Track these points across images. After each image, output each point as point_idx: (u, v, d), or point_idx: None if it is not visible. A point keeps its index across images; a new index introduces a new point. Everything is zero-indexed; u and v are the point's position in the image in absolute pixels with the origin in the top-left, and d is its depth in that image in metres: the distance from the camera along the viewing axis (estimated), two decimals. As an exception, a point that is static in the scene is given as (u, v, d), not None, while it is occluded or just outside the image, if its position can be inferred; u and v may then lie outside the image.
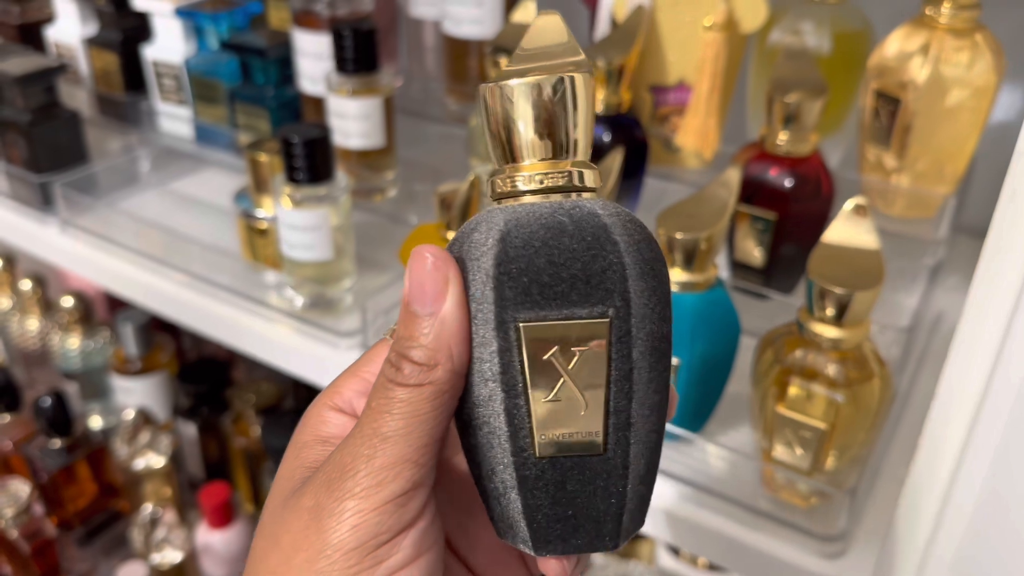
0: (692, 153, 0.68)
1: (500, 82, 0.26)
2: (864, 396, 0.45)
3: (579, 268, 0.25)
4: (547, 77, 0.25)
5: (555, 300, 0.25)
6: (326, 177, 0.60)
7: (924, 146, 0.59)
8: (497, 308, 0.25)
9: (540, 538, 0.26)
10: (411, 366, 0.25)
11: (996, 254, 0.35)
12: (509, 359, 0.25)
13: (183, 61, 0.80)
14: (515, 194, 0.26)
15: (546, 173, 0.26)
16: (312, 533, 0.26)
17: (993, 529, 0.38)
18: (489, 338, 0.25)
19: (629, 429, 0.26)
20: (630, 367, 0.25)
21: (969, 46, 0.57)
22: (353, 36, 0.66)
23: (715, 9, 0.62)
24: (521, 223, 0.25)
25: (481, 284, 0.25)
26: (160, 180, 0.83)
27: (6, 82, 0.75)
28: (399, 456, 0.25)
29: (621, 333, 0.25)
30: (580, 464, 0.26)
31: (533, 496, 0.26)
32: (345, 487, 0.25)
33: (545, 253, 0.25)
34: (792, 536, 0.48)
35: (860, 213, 0.46)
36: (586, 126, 0.26)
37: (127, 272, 0.71)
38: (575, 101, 0.26)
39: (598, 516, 0.26)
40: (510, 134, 0.26)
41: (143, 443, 0.94)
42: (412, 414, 0.25)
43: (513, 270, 0.25)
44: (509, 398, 0.25)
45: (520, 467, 0.26)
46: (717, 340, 0.49)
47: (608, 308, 0.25)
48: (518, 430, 0.25)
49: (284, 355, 0.64)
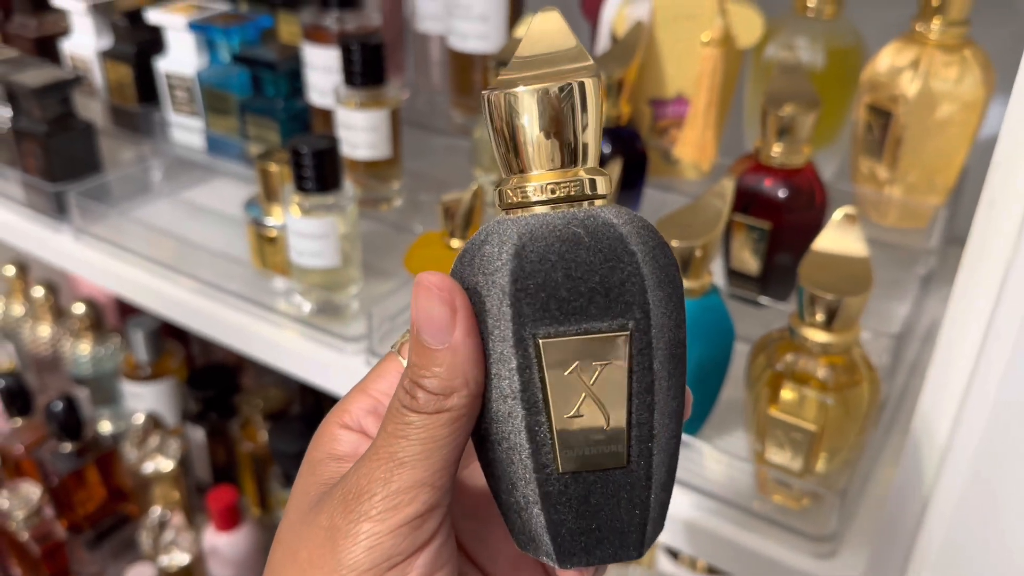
0: (690, 165, 0.70)
1: (506, 89, 0.25)
2: (853, 399, 0.47)
3: (597, 281, 0.24)
4: (555, 83, 0.24)
5: (574, 315, 0.24)
6: (334, 187, 0.62)
7: (915, 158, 0.61)
8: (515, 325, 0.24)
9: (564, 552, 0.26)
10: (426, 395, 0.25)
11: (975, 262, 0.36)
12: (529, 376, 0.25)
13: (195, 74, 0.82)
14: (525, 204, 0.25)
15: (557, 183, 0.25)
16: (327, 552, 0.26)
17: (974, 529, 0.39)
18: (508, 355, 0.25)
19: (652, 440, 0.25)
20: (651, 379, 0.25)
21: (958, 61, 0.58)
22: (361, 50, 0.68)
23: (712, 25, 0.64)
24: (536, 236, 0.24)
25: (497, 300, 0.24)
26: (172, 189, 0.85)
27: (23, 93, 0.77)
28: (416, 480, 0.25)
29: (642, 345, 0.25)
30: (603, 478, 0.25)
31: (556, 511, 0.26)
32: (361, 509, 0.25)
33: (562, 267, 0.24)
34: (784, 537, 0.49)
35: (850, 222, 0.48)
36: (595, 132, 0.25)
37: (139, 279, 0.73)
38: (584, 106, 0.25)
39: (622, 528, 0.26)
40: (517, 142, 0.25)
41: (152, 447, 0.96)
42: (429, 439, 0.25)
43: (530, 286, 0.24)
44: (530, 415, 0.25)
45: (543, 483, 0.25)
46: (712, 345, 0.51)
47: (628, 321, 0.24)
48: (540, 446, 0.25)
49: (292, 360, 0.66)
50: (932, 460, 0.40)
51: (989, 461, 0.38)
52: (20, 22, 0.95)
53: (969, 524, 0.39)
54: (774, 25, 0.67)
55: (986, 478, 0.38)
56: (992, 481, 0.38)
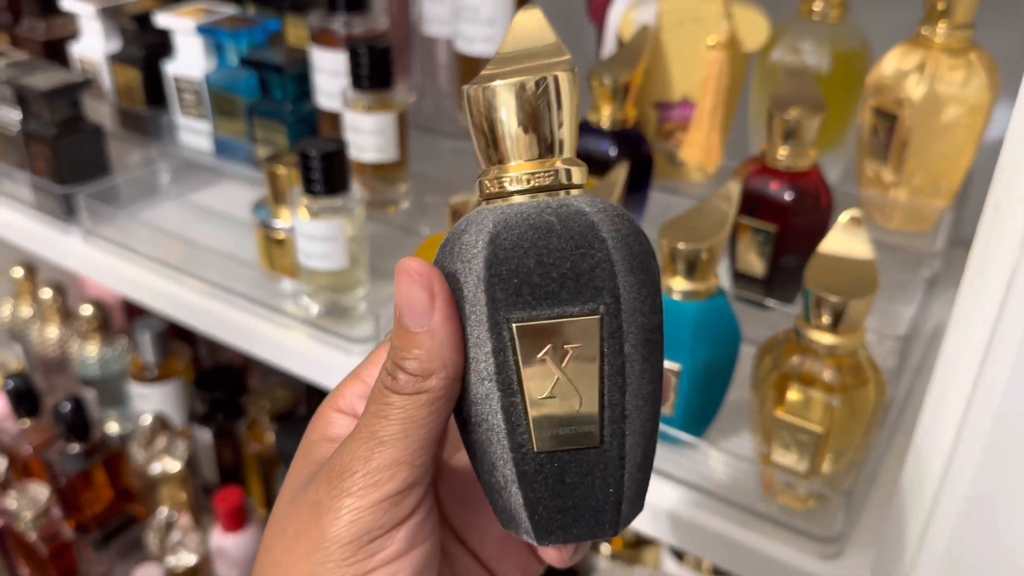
0: (696, 167, 0.70)
1: (484, 83, 0.26)
2: (859, 401, 0.47)
3: (568, 267, 0.25)
4: (530, 77, 0.25)
5: (546, 299, 0.25)
6: (342, 189, 0.62)
7: (920, 161, 0.61)
8: (490, 310, 0.25)
9: (542, 529, 0.27)
10: (406, 376, 0.26)
11: (981, 265, 0.36)
12: (504, 358, 0.26)
13: (203, 77, 0.82)
14: (503, 195, 0.26)
15: (533, 173, 0.26)
16: (312, 526, 0.27)
17: (980, 531, 0.39)
18: (484, 339, 0.26)
19: (624, 421, 0.26)
20: (622, 361, 0.26)
21: (964, 65, 0.58)
22: (369, 53, 0.69)
23: (718, 29, 0.65)
24: (510, 224, 0.25)
25: (473, 287, 0.25)
26: (180, 192, 0.85)
27: (33, 96, 0.77)
28: (395, 458, 0.27)
29: (612, 329, 0.25)
30: (578, 457, 0.26)
31: (533, 489, 0.27)
32: (343, 486, 0.27)
33: (534, 254, 0.25)
34: (790, 538, 0.50)
35: (855, 224, 0.48)
36: (571, 124, 0.26)
37: (148, 281, 0.74)
38: (559, 99, 0.26)
39: (597, 506, 0.27)
40: (495, 135, 0.26)
41: (159, 448, 0.96)
42: (408, 419, 0.26)
43: (503, 272, 0.25)
44: (505, 396, 0.26)
45: (519, 462, 0.26)
46: (718, 347, 0.51)
47: (599, 305, 0.25)
48: (515, 427, 0.26)
49: (299, 361, 0.67)
50: (937, 461, 0.40)
51: (995, 462, 0.38)
52: (29, 25, 0.96)
53: (975, 525, 0.39)
54: (780, 28, 0.67)
55: (992, 479, 0.38)
56: (998, 483, 0.38)
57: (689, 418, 0.53)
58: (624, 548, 0.86)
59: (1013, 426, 0.36)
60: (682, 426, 0.53)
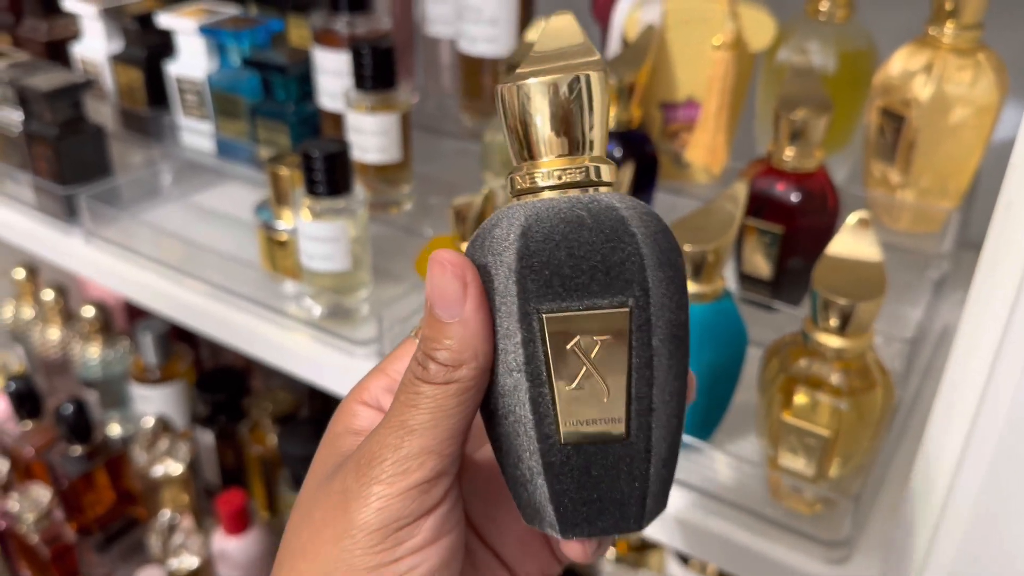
0: (701, 168, 0.70)
1: (518, 82, 0.26)
2: (867, 404, 0.47)
3: (599, 260, 0.25)
4: (563, 76, 0.26)
5: (576, 291, 0.25)
6: (345, 190, 0.62)
7: (928, 162, 0.61)
8: (520, 301, 0.26)
9: (567, 522, 0.27)
10: (436, 366, 0.27)
11: (992, 264, 0.36)
12: (533, 349, 0.26)
13: (206, 77, 0.82)
14: (534, 190, 0.27)
15: (564, 169, 0.27)
16: (340, 513, 0.27)
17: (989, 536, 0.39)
18: (513, 330, 0.26)
19: (651, 415, 0.26)
20: (650, 355, 0.26)
21: (972, 65, 0.58)
22: (371, 54, 0.68)
23: (724, 29, 0.64)
24: (541, 218, 0.26)
25: (504, 278, 0.26)
26: (182, 193, 0.85)
27: (34, 97, 0.77)
28: (424, 447, 0.27)
29: (641, 322, 0.25)
30: (604, 450, 0.26)
31: (559, 482, 0.27)
32: (372, 474, 0.27)
33: (565, 246, 0.25)
34: (797, 542, 0.49)
35: (863, 226, 0.48)
36: (602, 122, 0.27)
37: (149, 282, 0.73)
38: (591, 98, 0.26)
39: (623, 499, 0.27)
40: (528, 132, 0.27)
41: (161, 451, 0.96)
42: (438, 408, 0.27)
43: (535, 263, 0.25)
44: (534, 387, 0.26)
45: (546, 454, 0.26)
46: (724, 349, 0.50)
47: (628, 298, 0.25)
48: (543, 418, 0.26)
49: (301, 363, 0.66)
50: (947, 466, 0.40)
51: (1004, 466, 0.37)
52: (31, 26, 0.95)
53: (984, 529, 0.39)
54: (786, 28, 0.66)
55: (1002, 484, 0.37)
56: (1008, 487, 0.37)
57: (695, 421, 0.52)
58: (629, 551, 0.85)
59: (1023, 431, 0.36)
60: (688, 429, 0.52)
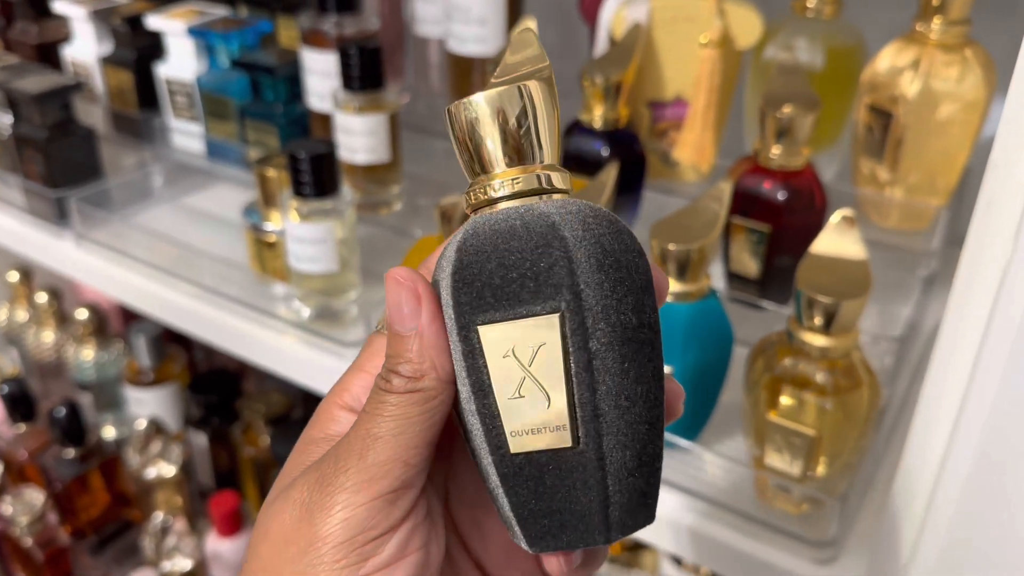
0: (689, 167, 0.70)
1: (463, 99, 0.27)
2: (853, 404, 0.46)
3: (527, 268, 0.25)
4: (504, 89, 0.26)
5: (507, 300, 0.25)
6: (332, 191, 0.62)
7: (916, 159, 0.60)
8: (456, 314, 0.26)
9: (532, 535, 0.27)
10: (399, 379, 0.27)
11: (972, 264, 0.36)
12: (473, 361, 0.26)
13: (195, 79, 0.82)
14: (487, 203, 0.27)
15: (514, 179, 0.27)
16: (304, 526, 0.26)
17: (975, 535, 0.39)
18: (456, 343, 0.26)
19: (598, 420, 0.26)
20: (588, 358, 0.25)
21: (959, 61, 0.58)
22: (359, 54, 0.68)
23: (711, 26, 0.64)
24: (478, 232, 0.26)
25: (445, 294, 0.26)
26: (172, 195, 0.85)
27: (24, 100, 0.77)
28: (389, 455, 0.26)
29: (575, 326, 0.25)
30: (555, 458, 0.26)
31: (516, 493, 0.27)
32: (337, 482, 0.26)
33: (496, 257, 0.26)
34: (784, 542, 0.49)
35: (848, 224, 0.47)
36: (549, 130, 0.27)
37: (140, 285, 0.73)
38: (534, 108, 0.26)
39: (582, 510, 0.26)
40: (477, 147, 0.27)
41: (155, 453, 0.96)
42: (402, 416, 0.27)
43: (467, 276, 0.26)
44: (478, 398, 0.26)
45: (499, 464, 0.27)
46: (709, 349, 0.50)
47: (559, 302, 0.25)
48: (491, 429, 0.26)
49: (290, 365, 0.66)
50: (931, 465, 0.39)
51: (989, 465, 0.37)
52: (22, 28, 0.95)
53: (970, 529, 0.39)
54: (773, 26, 0.66)
55: (986, 483, 0.37)
56: (992, 486, 0.37)
57: (681, 421, 0.52)
58: (622, 552, 0.85)
59: (1007, 429, 0.36)
60: (674, 429, 0.52)
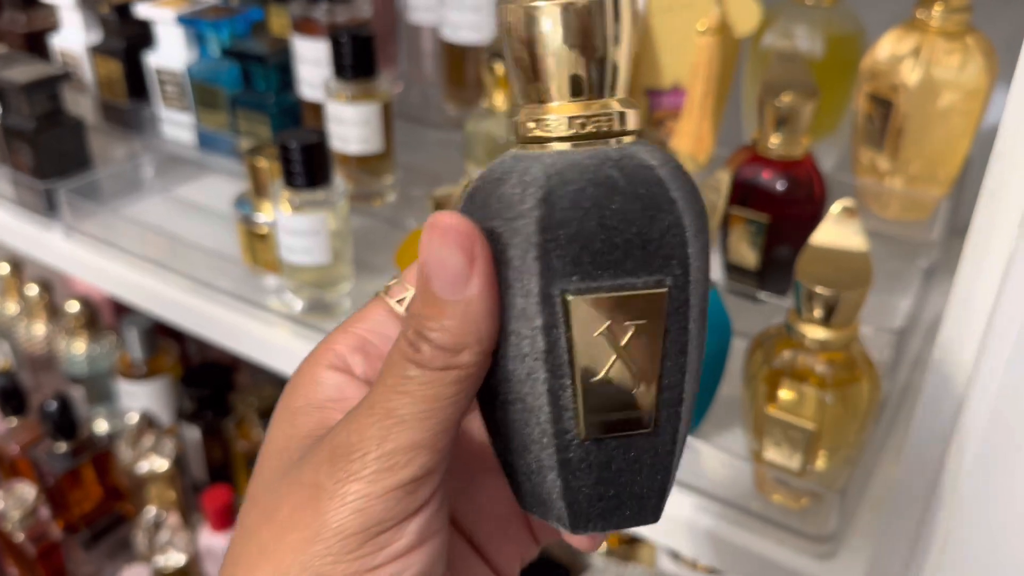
0: (687, 156, 0.69)
1: (525, 2, 0.22)
2: (853, 397, 0.46)
3: (635, 232, 0.22)
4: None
5: (608, 269, 0.22)
6: (323, 182, 0.61)
7: (917, 148, 0.60)
8: (542, 279, 0.22)
9: (579, 517, 0.24)
10: (432, 349, 0.23)
11: (977, 255, 0.35)
12: (555, 335, 0.22)
13: (185, 68, 0.80)
14: (546, 139, 0.23)
15: (587, 116, 0.22)
16: (310, 513, 0.23)
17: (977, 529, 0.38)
18: (532, 312, 0.22)
19: (680, 404, 0.24)
20: (685, 340, 0.23)
21: (960, 49, 0.57)
22: (351, 42, 0.67)
23: (708, 13, 0.63)
24: (566, 179, 0.22)
25: (521, 251, 0.22)
26: (163, 186, 0.84)
27: (12, 90, 0.76)
28: (414, 441, 0.23)
29: (678, 303, 0.22)
30: (627, 444, 0.23)
31: (575, 478, 0.24)
32: (351, 468, 0.23)
33: (596, 215, 0.21)
34: (784, 537, 0.48)
35: (848, 215, 0.47)
36: (627, 55, 0.23)
37: (130, 277, 0.72)
38: (617, 23, 0.22)
39: (643, 493, 0.24)
40: (538, 65, 0.22)
41: (147, 447, 0.95)
42: (432, 398, 0.23)
43: (561, 236, 0.21)
44: (554, 378, 0.22)
45: (562, 449, 0.23)
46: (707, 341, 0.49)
47: (667, 277, 0.22)
48: (562, 411, 0.23)
49: (283, 358, 0.65)
50: (934, 458, 0.39)
51: (992, 459, 0.36)
52: (10, 18, 0.94)
53: (972, 523, 0.38)
54: (772, 13, 0.65)
55: (989, 476, 0.37)
56: (995, 479, 0.37)
57: (679, 414, 0.51)
58: (619, 544, 0.85)
59: (1010, 421, 0.35)
60: (672, 423, 0.51)
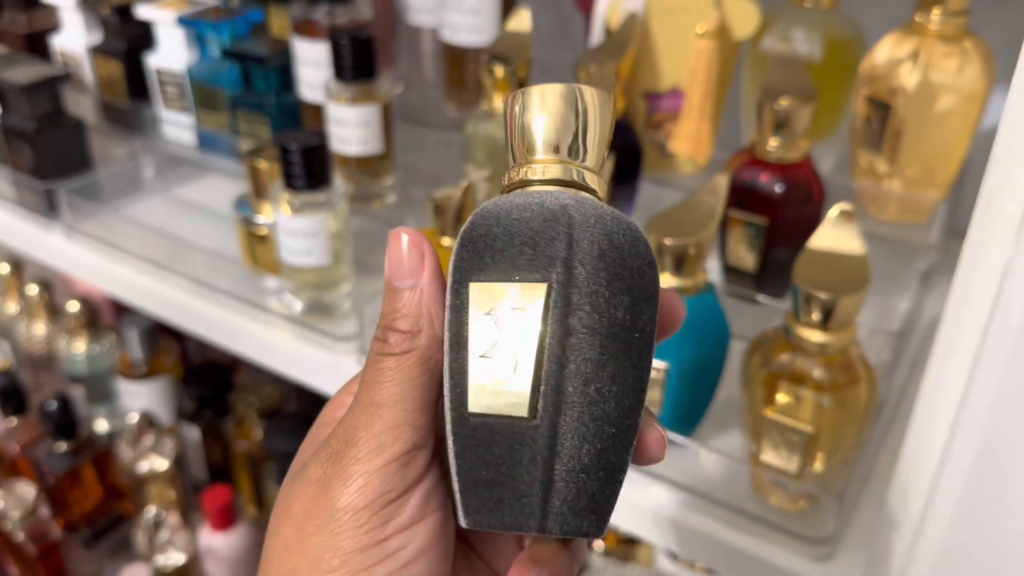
0: (686, 159, 0.69)
1: (522, 88, 0.28)
2: (850, 399, 0.46)
3: (528, 236, 0.26)
4: (564, 86, 0.27)
5: (503, 264, 0.26)
6: (323, 184, 0.61)
7: (915, 151, 0.60)
8: (455, 270, 0.27)
9: (469, 505, 0.27)
10: (396, 335, 0.27)
11: (974, 258, 0.35)
12: (458, 316, 0.27)
13: (185, 69, 0.81)
14: (520, 184, 0.28)
15: (547, 166, 0.27)
16: (322, 500, 0.27)
17: (974, 532, 0.38)
18: (449, 298, 0.27)
19: (558, 398, 0.25)
20: (565, 333, 0.25)
21: (958, 52, 0.57)
22: (351, 44, 0.67)
23: (707, 17, 0.63)
24: (497, 203, 0.27)
25: (454, 254, 0.27)
26: (163, 186, 0.84)
27: (12, 91, 0.76)
28: (396, 420, 0.27)
29: (559, 299, 0.25)
30: (509, 427, 0.26)
31: (464, 456, 0.27)
32: (349, 454, 0.27)
33: (504, 224, 0.26)
34: (781, 539, 0.49)
35: (846, 219, 0.47)
36: (596, 137, 0.28)
37: (130, 278, 0.72)
38: (586, 112, 0.27)
39: (523, 490, 0.26)
40: (524, 134, 0.28)
41: (147, 446, 0.95)
42: (403, 380, 0.27)
43: (473, 236, 0.27)
44: (453, 352, 0.27)
45: (456, 423, 0.27)
46: (706, 344, 0.50)
47: (551, 274, 0.26)
48: (456, 384, 0.27)
49: (283, 359, 0.65)
50: (931, 461, 0.39)
51: (989, 461, 0.37)
52: (11, 18, 0.94)
53: (969, 526, 0.38)
54: (770, 16, 0.65)
55: (987, 478, 0.37)
56: (992, 482, 0.37)
57: (678, 417, 0.52)
58: (618, 545, 0.85)
59: (1008, 425, 0.35)
60: (671, 425, 0.52)
